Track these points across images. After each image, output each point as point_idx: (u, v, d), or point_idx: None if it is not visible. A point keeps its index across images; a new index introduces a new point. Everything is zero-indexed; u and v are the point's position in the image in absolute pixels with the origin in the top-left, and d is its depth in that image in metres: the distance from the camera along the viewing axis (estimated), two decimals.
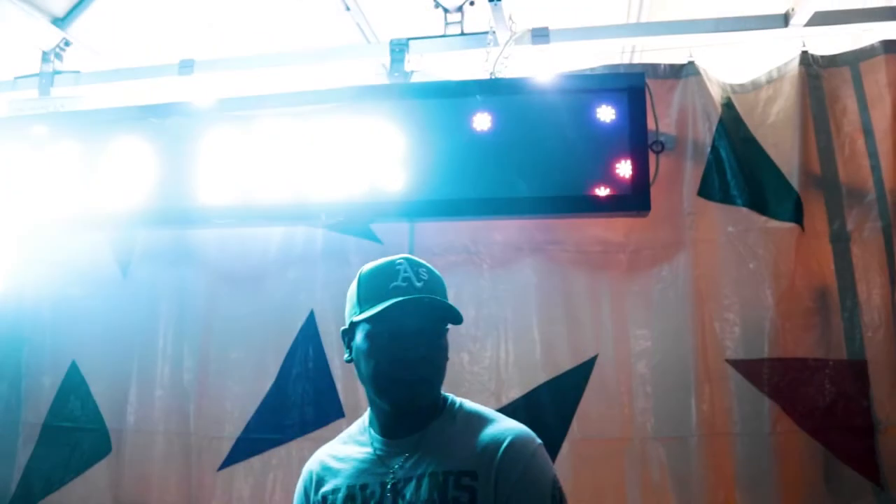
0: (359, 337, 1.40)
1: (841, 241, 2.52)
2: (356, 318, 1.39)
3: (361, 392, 2.59)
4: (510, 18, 2.75)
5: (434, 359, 1.42)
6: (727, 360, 2.46)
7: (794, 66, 2.61)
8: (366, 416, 1.53)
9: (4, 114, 3.22)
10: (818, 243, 2.52)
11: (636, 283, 2.58)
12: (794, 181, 2.51)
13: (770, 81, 2.68)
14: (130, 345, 2.89)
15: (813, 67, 2.62)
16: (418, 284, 1.39)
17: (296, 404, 2.67)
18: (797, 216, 2.47)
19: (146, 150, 2.78)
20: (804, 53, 2.61)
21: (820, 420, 2.42)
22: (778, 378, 2.43)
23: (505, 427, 1.43)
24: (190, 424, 2.75)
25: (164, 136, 2.78)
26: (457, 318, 1.42)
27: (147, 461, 2.75)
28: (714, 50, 2.82)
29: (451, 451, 1.40)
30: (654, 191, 2.42)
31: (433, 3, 2.89)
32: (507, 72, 2.73)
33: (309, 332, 2.70)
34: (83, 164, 2.84)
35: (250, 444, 2.69)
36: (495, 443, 1.38)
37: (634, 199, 2.38)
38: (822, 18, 2.67)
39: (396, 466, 1.41)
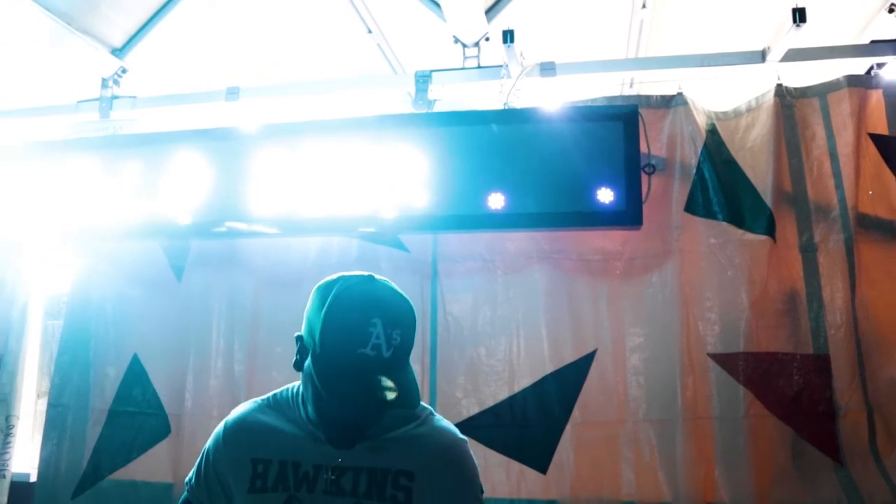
0: (313, 367, 1.37)
1: (809, 251, 2.85)
2: (325, 359, 1.34)
3: None
4: (521, 54, 3.09)
5: (394, 390, 1.32)
6: (708, 354, 2.78)
7: (770, 97, 2.93)
8: (296, 392, 1.56)
9: (69, 135, 3.60)
10: (788, 253, 2.84)
11: (630, 287, 2.90)
12: (768, 199, 2.83)
13: (749, 110, 3.01)
14: (186, 340, 3.23)
15: (787, 98, 2.95)
16: (386, 355, 1.33)
17: None
18: (770, 230, 2.80)
19: (199, 168, 3.12)
20: (779, 86, 2.94)
21: (788, 406, 2.72)
22: (752, 369, 2.74)
23: (441, 433, 1.51)
24: None
25: (214, 156, 3.12)
26: (410, 406, 1.38)
27: (203, 442, 3.06)
28: (701, 81, 3.18)
29: (390, 450, 1.45)
30: (646, 207, 2.74)
31: (453, 39, 3.25)
32: (518, 101, 3.09)
33: None
34: (142, 180, 3.19)
35: None
36: (433, 447, 1.47)
37: (629, 215, 2.71)
38: (795, 55, 3.00)
39: (333, 454, 1.44)
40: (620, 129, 2.79)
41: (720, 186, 2.88)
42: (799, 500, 2.67)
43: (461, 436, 1.54)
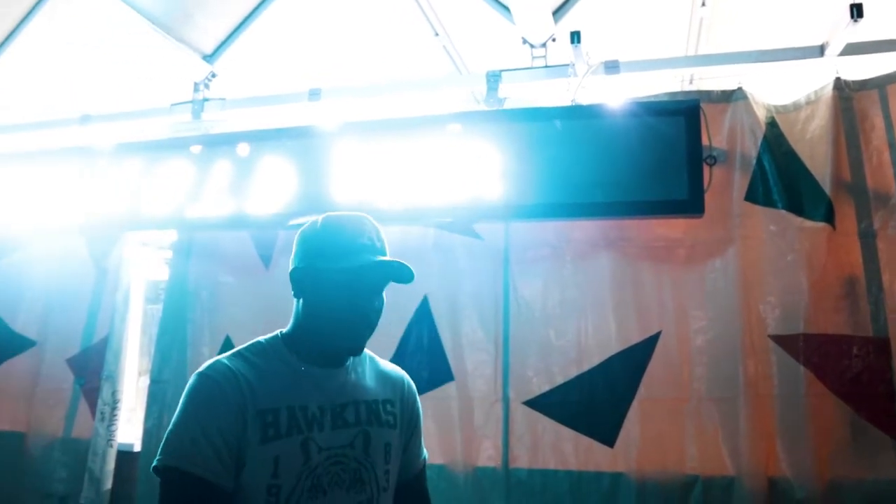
0: (325, 282, 1.53)
1: (868, 238, 2.94)
2: (332, 266, 1.52)
3: (466, 357, 3.17)
4: (587, 53, 3.28)
5: (381, 311, 1.61)
6: (769, 336, 2.89)
7: (829, 90, 3.03)
8: (272, 340, 1.63)
9: (165, 135, 3.92)
10: (847, 240, 2.94)
11: (693, 272, 3.04)
12: (827, 188, 2.94)
13: (808, 103, 3.11)
14: (273, 323, 3.40)
15: (845, 91, 3.04)
16: (378, 245, 1.59)
17: (412, 370, 3.14)
18: (829, 217, 2.91)
19: (283, 164, 3.39)
20: (837, 79, 3.03)
21: (848, 386, 2.82)
22: (811, 350, 2.85)
23: (398, 370, 1.79)
24: None
25: (298, 153, 3.38)
26: (411, 278, 1.60)
27: None
28: (760, 76, 3.30)
29: (371, 385, 1.66)
30: (707, 196, 2.89)
31: (521, 40, 3.45)
32: (584, 98, 3.27)
33: (423, 313, 3.26)
34: (231, 176, 3.48)
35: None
36: (400, 381, 1.75)
37: (691, 204, 2.88)
38: (853, 49, 3.09)
39: (332, 392, 1.58)
40: (682, 122, 2.95)
41: (780, 176, 3.00)
42: (859, 477, 2.76)
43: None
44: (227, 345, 3.55)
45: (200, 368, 1.54)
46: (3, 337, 4.01)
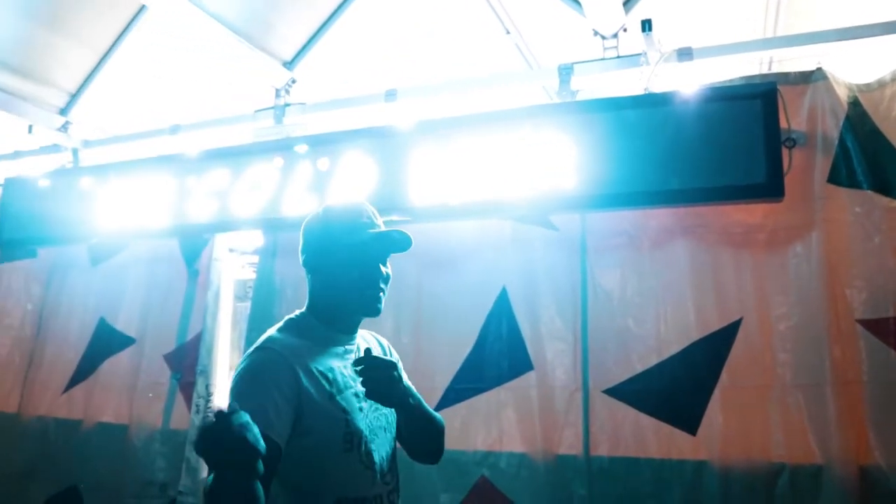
0: (336, 258, 1.80)
1: None
2: (340, 243, 1.80)
3: (545, 347, 3.21)
4: (658, 41, 3.27)
5: (389, 278, 1.90)
6: (857, 320, 2.81)
7: None
8: (300, 317, 1.87)
9: (249, 140, 4.10)
10: None
11: (774, 258, 2.98)
12: None
13: (893, 80, 3.01)
14: None
15: None
16: (376, 222, 1.88)
17: (493, 360, 3.27)
18: None
19: (362, 163, 3.50)
20: None
21: None
22: None
23: (376, 336, 2.10)
24: (409, 377, 3.43)
25: (375, 152, 3.48)
26: (408, 244, 1.88)
27: None
28: (841, 55, 3.22)
29: (372, 344, 2.01)
30: (788, 180, 2.83)
31: (592, 32, 3.47)
32: (657, 86, 3.27)
33: (502, 303, 3.31)
34: (312, 176, 3.62)
35: (457, 392, 3.30)
36: (382, 344, 2.09)
37: (770, 188, 2.83)
38: None
39: (352, 355, 1.87)
40: (759, 106, 2.91)
41: (864, 156, 2.92)
42: None
43: None
44: None
45: (257, 344, 1.77)
46: (106, 335, 4.28)
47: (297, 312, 1.91)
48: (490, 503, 3.13)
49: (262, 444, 1.35)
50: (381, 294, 1.87)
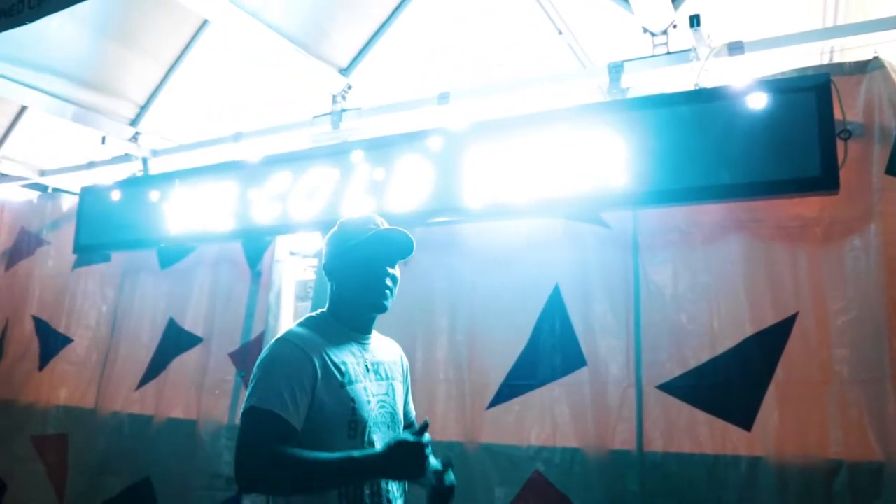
0: (346, 260, 2.08)
1: None
2: (349, 245, 2.08)
3: (598, 343, 3.23)
4: (708, 36, 3.26)
5: (396, 279, 2.15)
6: None
7: None
8: (320, 316, 2.12)
9: (308, 145, 4.23)
10: None
11: (831, 251, 2.94)
12: None
13: None
14: (413, 316, 3.67)
15: None
16: (384, 227, 2.14)
17: (546, 357, 3.32)
18: None
19: (417, 165, 3.59)
20: None
21: None
22: None
23: (393, 342, 2.35)
24: (464, 374, 3.49)
25: (429, 154, 3.57)
26: (411, 247, 2.14)
27: (433, 402, 3.52)
28: None
29: (384, 349, 2.25)
30: (844, 172, 2.78)
31: (642, 30, 3.48)
32: (708, 82, 3.25)
33: (555, 301, 3.35)
34: (369, 178, 3.72)
35: (511, 388, 3.36)
36: (397, 348, 2.35)
37: (824, 181, 2.79)
38: None
39: (368, 352, 2.13)
40: (813, 98, 2.87)
41: None
42: None
43: None
44: None
45: (279, 335, 2.02)
46: (175, 335, 4.48)
47: (318, 312, 2.17)
48: (544, 497, 3.17)
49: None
50: (388, 292, 2.10)
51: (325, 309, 2.17)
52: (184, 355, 4.41)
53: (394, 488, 2.08)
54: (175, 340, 4.47)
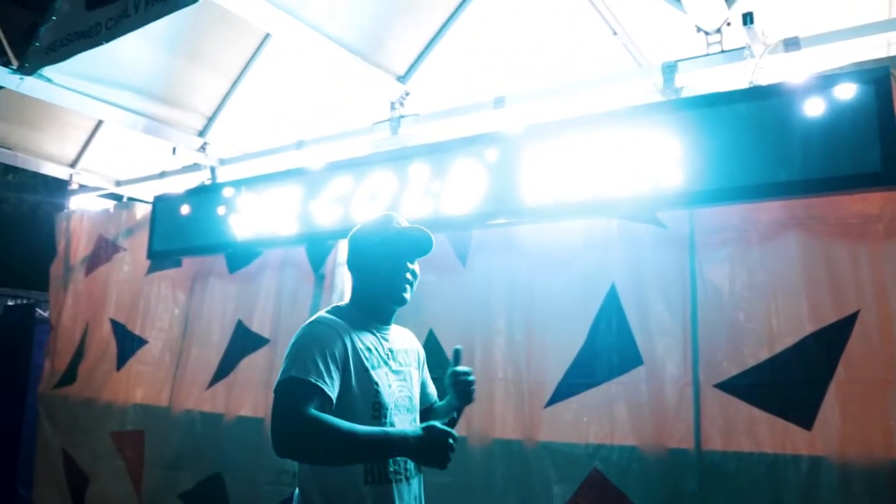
0: (369, 256, 2.27)
1: None
2: (372, 242, 2.27)
3: (655, 342, 3.25)
4: (763, 33, 3.24)
5: (416, 275, 2.33)
6: None
7: None
8: (344, 307, 2.29)
9: (368, 151, 4.36)
10: None
11: (893, 248, 2.89)
12: None
13: None
14: (473, 316, 3.76)
15: None
16: (399, 224, 2.32)
17: (603, 356, 3.34)
18: None
19: (474, 169, 3.66)
20: None
21: None
22: None
23: (409, 332, 2.53)
24: (522, 373, 3.54)
25: (486, 157, 3.64)
26: (430, 245, 2.33)
27: (491, 401, 3.58)
28: None
29: (404, 338, 2.45)
30: None
31: (695, 29, 3.47)
32: (763, 79, 3.23)
33: (611, 300, 3.37)
34: (428, 182, 3.82)
35: (568, 387, 3.39)
36: (414, 338, 2.54)
37: (886, 176, 2.74)
38: None
39: (389, 341, 2.31)
40: (871, 92, 2.83)
41: None
42: None
43: None
44: (431, 338, 3.86)
45: (307, 321, 2.19)
46: (243, 336, 4.65)
47: (342, 303, 2.36)
48: (602, 495, 3.20)
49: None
50: (408, 286, 2.29)
51: (347, 301, 2.37)
52: (251, 356, 4.58)
53: (412, 466, 2.24)
54: (243, 342, 4.65)
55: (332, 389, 2.00)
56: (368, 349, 2.18)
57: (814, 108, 2.92)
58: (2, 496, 6.51)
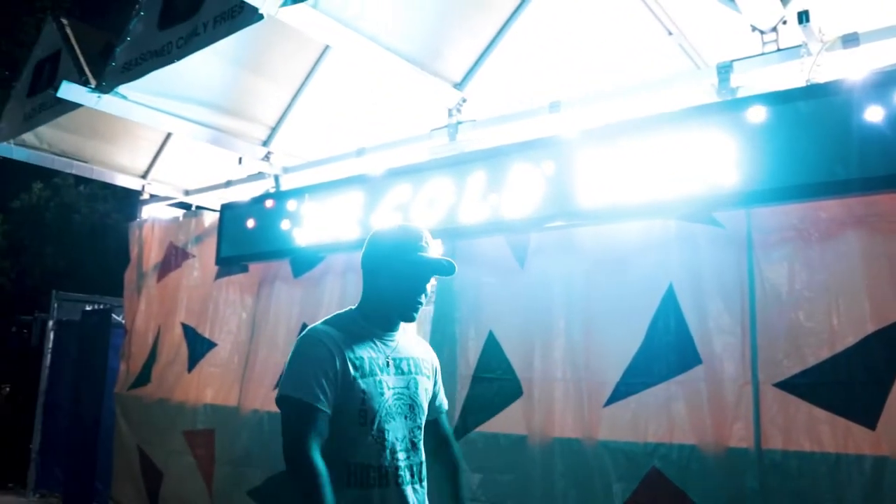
0: (394, 270, 2.29)
1: None
2: (401, 259, 2.28)
3: (713, 341, 3.27)
4: (819, 30, 3.23)
5: (428, 294, 2.36)
6: None
7: None
8: (350, 313, 2.37)
9: (426, 157, 4.47)
10: None
11: None
12: None
13: None
14: (531, 317, 3.81)
15: None
16: (429, 247, 2.34)
17: (661, 355, 3.35)
18: None
19: (530, 173, 3.74)
20: None
21: None
22: None
23: (423, 341, 2.58)
24: (581, 373, 3.58)
25: (542, 161, 3.70)
26: (452, 271, 2.33)
27: (551, 401, 3.64)
28: None
29: (413, 346, 2.45)
30: None
31: (750, 28, 3.48)
32: (821, 76, 3.22)
33: (669, 300, 3.38)
34: (485, 187, 3.90)
35: (627, 386, 3.42)
36: (428, 347, 2.56)
37: None
38: None
39: (391, 349, 2.34)
40: None
41: None
42: None
43: None
44: (491, 340, 3.95)
45: (304, 332, 2.32)
46: None
47: (347, 309, 2.43)
48: (661, 493, 3.23)
49: None
50: (419, 305, 2.35)
51: (354, 306, 2.42)
52: None
53: (406, 473, 2.28)
54: None
55: (329, 406, 2.16)
56: (361, 358, 2.25)
57: (873, 105, 2.90)
58: (82, 492, 6.84)
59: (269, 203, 4.88)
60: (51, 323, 8.67)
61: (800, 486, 2.96)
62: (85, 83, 4.47)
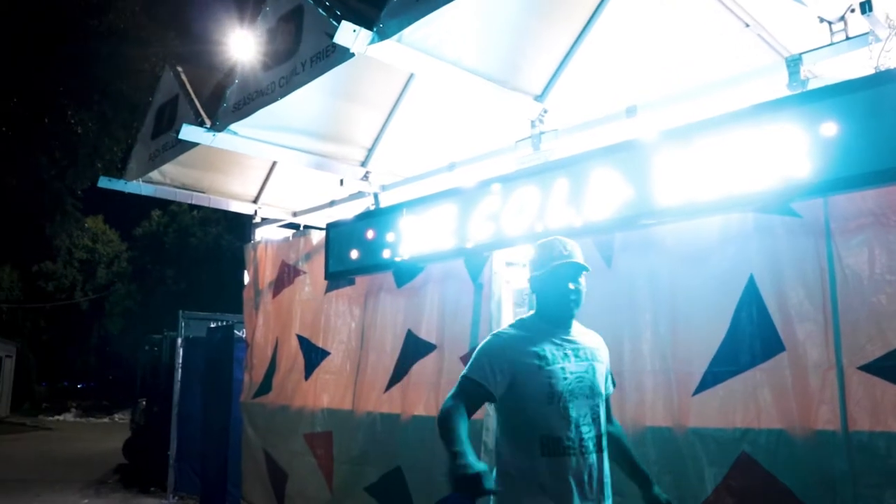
0: (544, 280, 2.80)
1: None
2: (546, 269, 2.78)
3: (795, 328, 3.39)
4: (887, 17, 3.28)
5: (580, 291, 2.82)
6: None
7: None
8: (530, 318, 2.86)
9: (513, 167, 4.72)
10: None
11: None
12: None
13: None
14: (620, 313, 3.99)
15: None
16: (568, 253, 2.80)
17: (745, 344, 3.48)
18: None
19: (612, 176, 3.92)
20: None
21: None
22: None
23: (596, 334, 2.97)
24: (669, 364, 3.75)
25: (623, 164, 3.88)
26: (586, 269, 2.83)
27: (642, 391, 3.82)
28: None
29: (586, 338, 2.90)
30: None
31: (818, 20, 3.55)
32: (890, 62, 3.27)
33: (751, 291, 3.51)
34: (570, 192, 4.11)
35: (714, 375, 3.56)
36: (599, 337, 2.97)
37: None
38: None
39: (569, 342, 2.80)
40: None
41: None
42: None
43: None
44: None
45: (494, 331, 2.90)
46: (413, 344, 5.16)
47: (528, 314, 2.92)
48: (752, 477, 3.35)
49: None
50: (572, 303, 2.82)
51: (533, 312, 2.91)
52: (422, 361, 5.07)
53: (590, 444, 2.70)
54: (413, 348, 5.15)
55: (493, 385, 2.68)
56: (543, 350, 2.72)
57: None
58: (217, 494, 7.46)
59: (370, 234, 5.24)
60: (179, 340, 9.41)
61: (888, 466, 3.03)
62: (201, 124, 4.98)
